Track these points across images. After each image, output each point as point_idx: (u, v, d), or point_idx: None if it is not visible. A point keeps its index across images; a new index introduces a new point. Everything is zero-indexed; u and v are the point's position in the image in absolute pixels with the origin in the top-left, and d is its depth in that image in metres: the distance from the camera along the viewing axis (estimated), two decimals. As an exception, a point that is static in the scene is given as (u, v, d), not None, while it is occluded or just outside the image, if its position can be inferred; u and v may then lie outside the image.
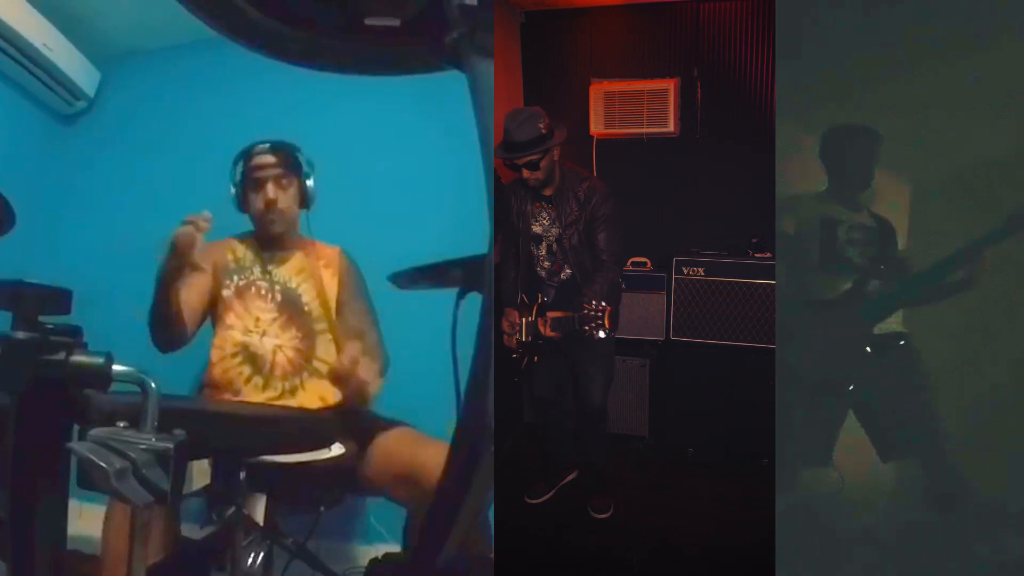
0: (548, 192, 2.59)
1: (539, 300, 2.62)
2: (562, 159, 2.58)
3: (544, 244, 2.67)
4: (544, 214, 2.64)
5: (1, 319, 1.10)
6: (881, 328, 2.22)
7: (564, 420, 2.91)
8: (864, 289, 2.19)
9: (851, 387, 2.18)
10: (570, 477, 3.01)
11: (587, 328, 2.29)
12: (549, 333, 2.48)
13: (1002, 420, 2.30)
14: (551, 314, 2.50)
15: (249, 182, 2.10)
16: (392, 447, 1.85)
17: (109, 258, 2.77)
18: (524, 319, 2.62)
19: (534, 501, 2.87)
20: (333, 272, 2.16)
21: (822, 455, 2.24)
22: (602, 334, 2.28)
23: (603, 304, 2.28)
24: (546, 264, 2.69)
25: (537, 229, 2.67)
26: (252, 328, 2.03)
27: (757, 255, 3.20)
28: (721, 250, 3.27)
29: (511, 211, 2.68)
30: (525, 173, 2.50)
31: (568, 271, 2.65)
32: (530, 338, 2.62)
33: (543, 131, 2.44)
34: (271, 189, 2.08)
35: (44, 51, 2.59)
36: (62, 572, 1.13)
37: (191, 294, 2.07)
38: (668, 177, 3.59)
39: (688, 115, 3.53)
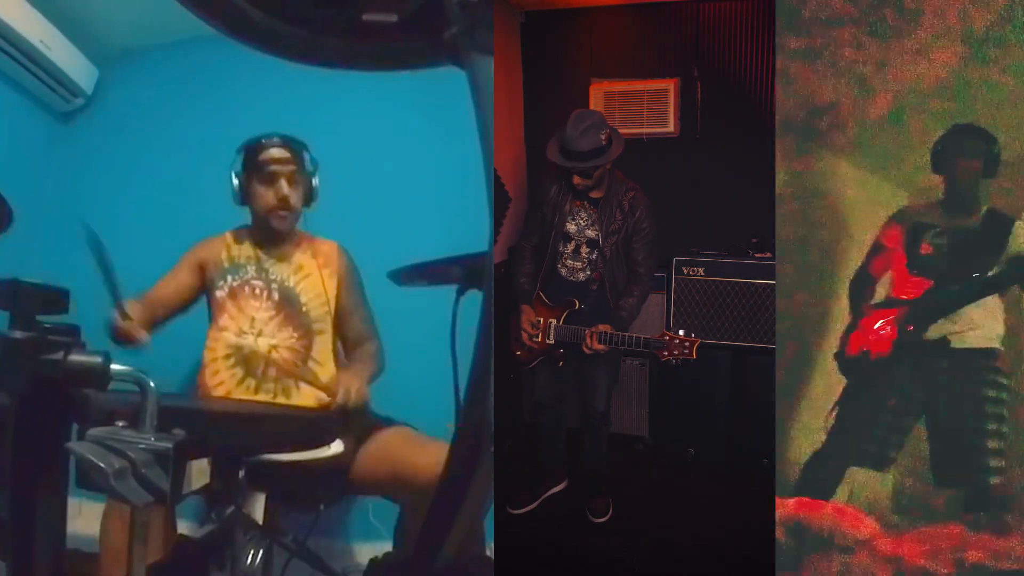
0: (595, 195, 2.57)
1: (575, 306, 2.58)
2: (609, 169, 2.55)
3: (573, 243, 2.62)
4: (583, 214, 2.59)
5: (-1, 318, 1.09)
6: (966, 342, 2.14)
7: (559, 425, 2.86)
8: (940, 294, 2.15)
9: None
10: (556, 488, 2.92)
11: (665, 354, 2.36)
12: (597, 346, 2.44)
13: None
14: (602, 327, 2.45)
15: (259, 175, 2.05)
16: (386, 447, 1.85)
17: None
18: (549, 321, 2.59)
19: (516, 511, 2.77)
20: (332, 271, 2.14)
21: (879, 457, 2.18)
22: (675, 363, 2.38)
23: (692, 335, 2.36)
24: (569, 263, 2.64)
25: (570, 227, 2.61)
26: (247, 329, 2.01)
27: (757, 255, 3.19)
28: (721, 250, 3.27)
29: (546, 201, 2.62)
30: (576, 179, 2.48)
31: (595, 277, 2.61)
32: (553, 341, 2.60)
33: (603, 142, 2.43)
34: (285, 186, 2.04)
35: (42, 48, 2.59)
36: (62, 571, 1.12)
37: (165, 291, 2.04)
38: (668, 177, 3.58)
39: (688, 115, 3.52)
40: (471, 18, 1.02)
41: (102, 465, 1.00)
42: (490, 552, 2.16)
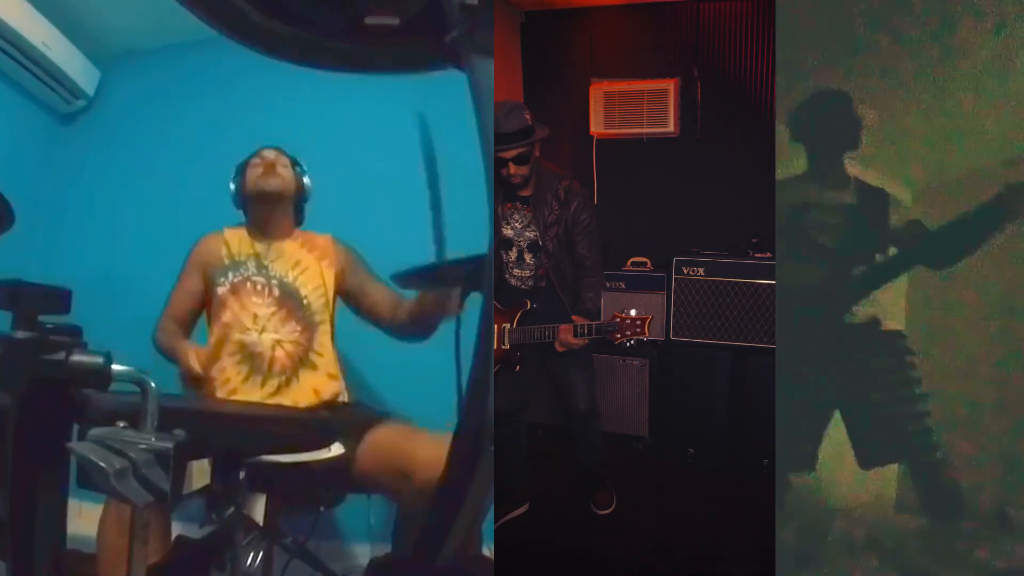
0: (525, 192, 2.48)
1: (527, 306, 2.52)
2: (539, 158, 2.48)
3: (515, 249, 2.54)
4: (517, 216, 2.51)
5: (1, 319, 1.09)
6: (885, 325, 2.08)
7: (518, 441, 2.73)
8: (840, 276, 2.06)
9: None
10: (516, 512, 2.73)
11: (618, 336, 2.29)
12: (573, 341, 2.37)
13: (1002, 424, 2.26)
14: (578, 319, 2.39)
15: (249, 167, 2.15)
16: (386, 441, 1.85)
17: (108, 257, 2.77)
18: (503, 326, 2.53)
19: None
20: (330, 262, 2.16)
21: (807, 459, 2.12)
22: (630, 343, 2.31)
23: (643, 313, 2.32)
24: (516, 272, 2.56)
25: (508, 232, 2.53)
26: (250, 326, 2.02)
27: (757, 255, 3.19)
28: (721, 250, 3.27)
29: None
30: (512, 169, 2.38)
31: (542, 273, 2.54)
32: (509, 346, 2.53)
33: (528, 122, 2.37)
34: (270, 153, 2.14)
35: (43, 50, 2.59)
36: (61, 571, 1.13)
37: (183, 299, 2.12)
38: (668, 177, 3.59)
39: (688, 115, 3.53)
40: (472, 21, 1.03)
41: (103, 465, 1.00)
42: (490, 552, 2.16)
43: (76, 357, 1.08)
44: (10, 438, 1.06)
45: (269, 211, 2.14)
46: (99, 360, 1.08)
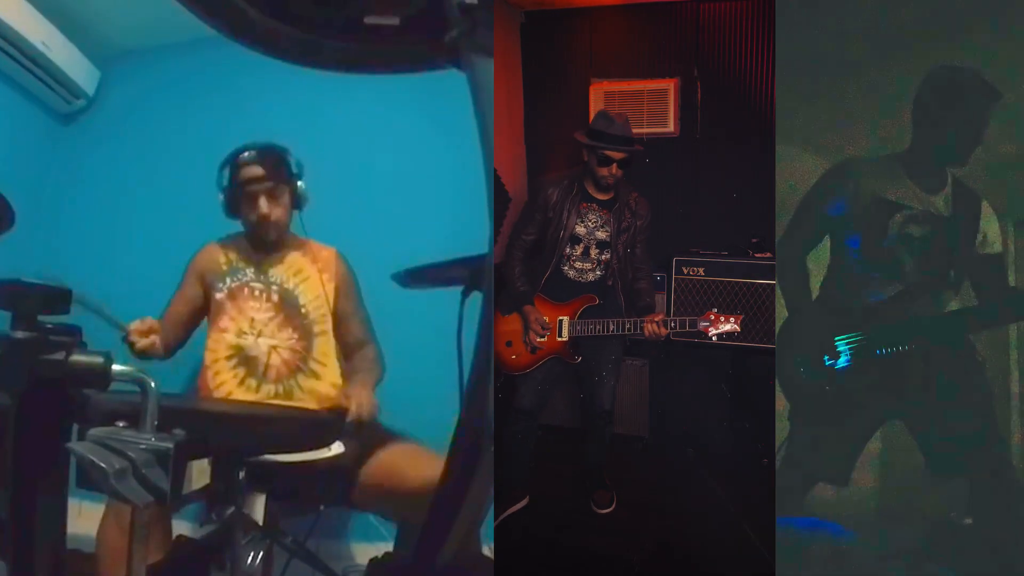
0: (605, 197, 2.62)
1: (595, 301, 2.61)
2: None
3: (582, 245, 2.63)
4: (592, 216, 2.62)
5: (0, 319, 1.09)
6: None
7: (530, 438, 2.76)
8: (910, 302, 1.87)
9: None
10: (519, 506, 2.77)
11: (709, 328, 2.42)
12: (662, 331, 2.46)
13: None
14: (659, 316, 2.49)
15: (240, 193, 2.07)
16: (390, 464, 1.86)
17: (108, 257, 2.77)
18: (560, 318, 2.61)
19: None
20: (330, 276, 2.16)
21: (840, 473, 2.03)
22: (714, 337, 2.43)
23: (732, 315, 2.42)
24: (578, 265, 2.65)
25: (580, 230, 2.62)
26: (247, 330, 2.03)
27: (757, 255, 3.19)
28: (721, 250, 3.27)
29: (549, 206, 2.61)
30: (615, 170, 2.52)
31: (611, 272, 2.65)
32: (567, 338, 2.61)
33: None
34: (264, 204, 2.05)
35: (43, 49, 2.59)
36: (62, 571, 1.12)
37: (178, 303, 2.10)
38: (668, 177, 3.58)
39: (688, 115, 3.53)
40: (471, 20, 1.02)
41: (103, 465, 1.00)
42: (490, 552, 2.16)
43: (76, 357, 1.08)
44: (10, 438, 1.06)
45: (266, 236, 2.13)
46: (99, 360, 1.08)
